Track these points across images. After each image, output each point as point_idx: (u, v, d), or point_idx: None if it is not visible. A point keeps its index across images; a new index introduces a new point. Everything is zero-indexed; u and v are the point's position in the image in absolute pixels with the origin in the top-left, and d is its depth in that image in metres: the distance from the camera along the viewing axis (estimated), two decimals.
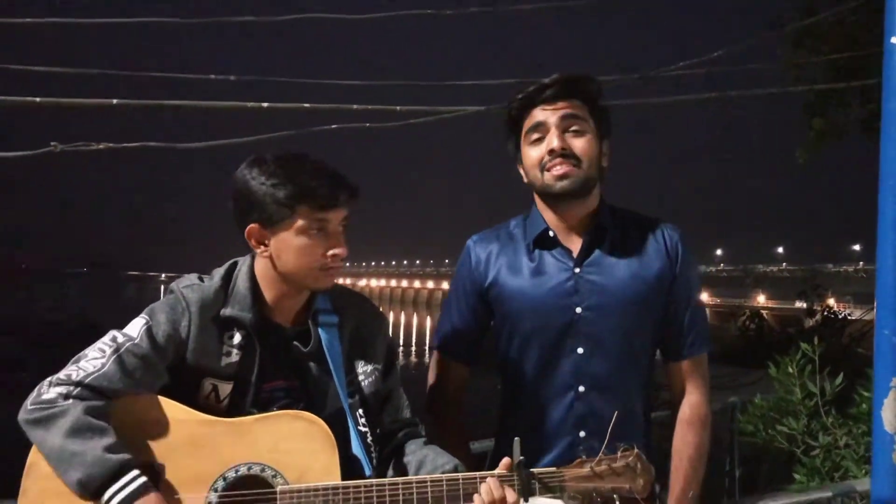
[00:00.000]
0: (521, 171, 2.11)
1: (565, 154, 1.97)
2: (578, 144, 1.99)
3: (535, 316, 2.02)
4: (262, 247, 1.74)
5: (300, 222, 1.69)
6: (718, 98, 4.98)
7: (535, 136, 2.02)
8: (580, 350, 2.00)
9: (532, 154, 2.03)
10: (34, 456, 1.58)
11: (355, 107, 4.33)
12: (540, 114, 2.01)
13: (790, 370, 4.38)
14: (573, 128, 1.99)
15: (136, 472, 1.53)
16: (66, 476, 1.51)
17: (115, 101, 4.01)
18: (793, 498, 2.78)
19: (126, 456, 1.53)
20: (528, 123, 2.04)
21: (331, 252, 1.71)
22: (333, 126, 4.23)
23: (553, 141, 1.97)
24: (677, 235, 2.09)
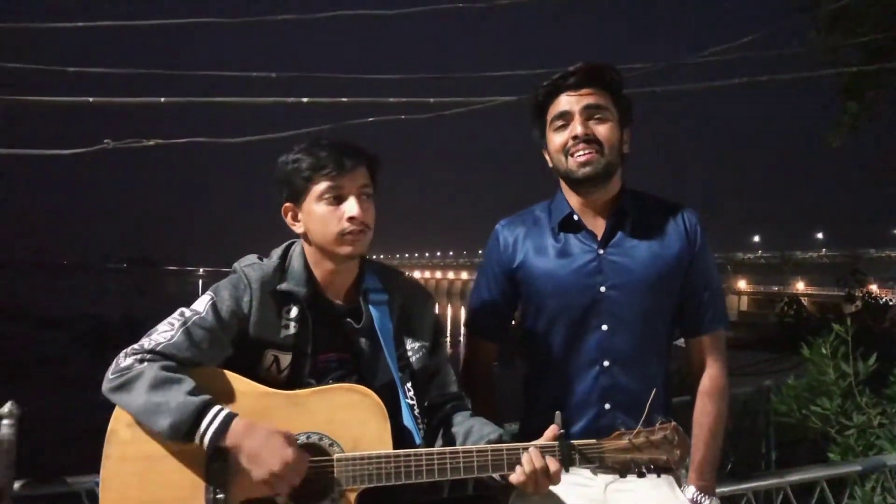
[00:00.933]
0: (547, 156, 2.21)
1: (588, 139, 2.06)
2: (601, 131, 2.08)
3: (561, 295, 2.13)
4: (297, 223, 1.91)
5: (318, 191, 1.84)
6: (750, 83, 5.00)
7: (560, 122, 2.11)
8: (604, 327, 2.10)
9: (556, 140, 2.12)
10: (114, 424, 1.73)
11: (391, 100, 4.47)
12: (564, 101, 2.10)
13: (823, 351, 4.43)
14: (596, 115, 2.08)
15: (218, 406, 1.67)
16: (157, 426, 1.65)
17: (162, 99, 4.19)
18: (822, 472, 2.85)
19: (207, 396, 1.67)
20: (553, 110, 2.12)
21: (346, 215, 1.84)
22: (370, 119, 4.37)
23: (577, 127, 2.06)
24: (695, 218, 2.18)
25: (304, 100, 4.31)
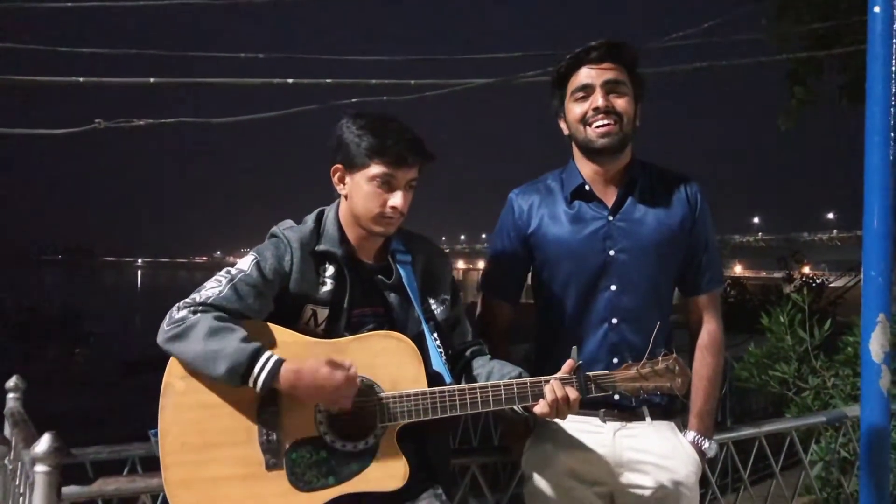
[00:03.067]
0: (563, 125, 2.36)
1: (608, 111, 2.21)
2: (620, 103, 2.23)
3: (574, 259, 2.30)
4: (342, 185, 2.05)
5: (372, 172, 1.98)
6: (709, 67, 5.26)
7: (581, 94, 2.24)
8: (613, 287, 2.27)
9: (576, 110, 2.26)
10: (168, 378, 1.85)
11: (373, 81, 4.58)
12: (585, 74, 2.24)
13: (781, 319, 4.72)
14: (616, 89, 2.23)
15: (269, 352, 1.81)
16: (215, 371, 1.78)
17: (151, 79, 4.22)
18: (790, 423, 3.10)
19: (258, 343, 1.81)
20: (574, 82, 2.26)
21: (390, 203, 1.99)
22: (353, 100, 4.48)
23: (598, 100, 2.21)
24: (696, 187, 2.37)
25: (290, 80, 4.40)
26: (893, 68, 2.72)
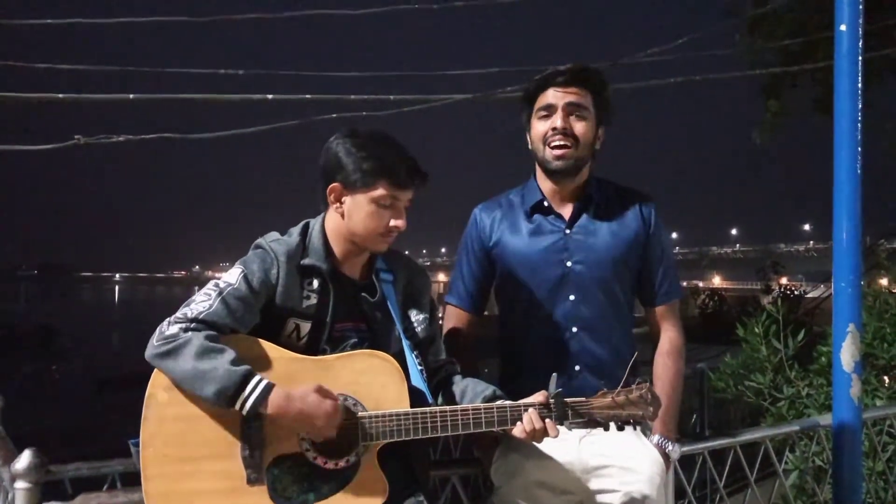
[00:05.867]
0: (528, 140, 2.48)
1: (565, 132, 2.34)
2: (578, 127, 2.35)
3: (534, 270, 2.40)
4: (338, 203, 2.07)
5: (377, 193, 2.01)
6: (684, 83, 5.36)
7: (544, 113, 2.37)
8: (572, 297, 2.37)
9: (539, 128, 2.39)
10: (151, 388, 1.86)
11: (353, 97, 4.62)
12: (551, 94, 2.36)
13: (756, 330, 4.80)
14: (576, 113, 2.35)
15: (259, 376, 1.82)
16: (203, 391, 1.79)
17: (131, 95, 4.23)
18: (765, 432, 3.15)
19: (248, 367, 1.82)
20: (540, 101, 2.39)
21: (392, 223, 2.04)
22: (333, 115, 4.50)
23: (558, 121, 2.34)
24: (651, 204, 2.49)
25: (270, 96, 4.43)
26: (860, 85, 2.81)
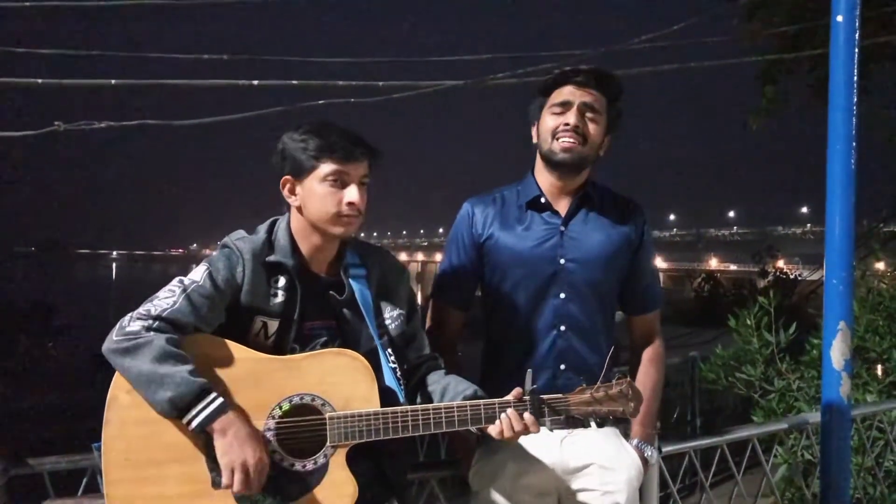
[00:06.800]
0: (534, 132, 2.44)
1: (577, 130, 2.31)
2: (590, 128, 2.33)
3: (525, 266, 2.36)
4: (293, 196, 2.02)
5: (322, 172, 1.96)
6: (680, 69, 5.29)
7: (559, 109, 2.34)
8: (562, 295, 2.34)
9: (550, 122, 2.35)
10: (114, 390, 1.81)
11: (341, 83, 4.53)
12: (568, 91, 2.33)
13: (748, 322, 4.76)
14: (590, 114, 2.33)
15: (215, 393, 1.78)
16: (157, 395, 1.74)
17: (113, 81, 4.14)
18: (754, 430, 3.12)
19: (205, 380, 1.78)
20: (555, 96, 2.36)
21: (346, 200, 1.97)
22: (320, 101, 4.42)
23: (571, 117, 2.31)
24: (644, 214, 2.49)
25: (255, 82, 4.34)
26: (855, 78, 2.74)
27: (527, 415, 1.93)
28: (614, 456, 2.27)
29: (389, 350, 2.05)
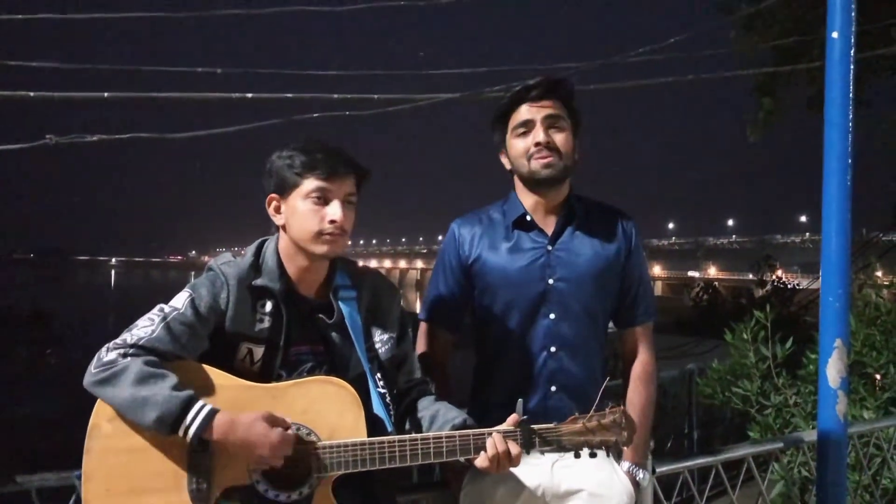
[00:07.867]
0: (504, 160, 2.42)
1: (549, 146, 2.28)
2: (559, 139, 2.30)
3: (514, 287, 2.33)
4: (278, 215, 1.99)
5: (306, 188, 1.92)
6: (676, 82, 5.28)
7: (522, 129, 2.31)
8: (552, 315, 2.31)
9: (519, 145, 2.32)
10: (95, 419, 1.77)
11: (335, 96, 4.51)
12: (526, 110, 2.31)
13: (745, 336, 4.73)
14: (555, 125, 2.30)
15: (202, 402, 1.74)
16: (143, 418, 1.70)
17: (106, 94, 4.12)
18: (749, 449, 3.08)
19: (190, 391, 1.74)
20: (514, 119, 2.33)
21: (328, 217, 1.93)
22: (315, 115, 4.40)
23: (539, 134, 2.28)
24: (631, 223, 2.44)
25: (249, 95, 4.32)
26: (851, 94, 2.72)
27: (512, 443, 1.89)
28: (606, 482, 2.22)
29: (378, 375, 2.01)
